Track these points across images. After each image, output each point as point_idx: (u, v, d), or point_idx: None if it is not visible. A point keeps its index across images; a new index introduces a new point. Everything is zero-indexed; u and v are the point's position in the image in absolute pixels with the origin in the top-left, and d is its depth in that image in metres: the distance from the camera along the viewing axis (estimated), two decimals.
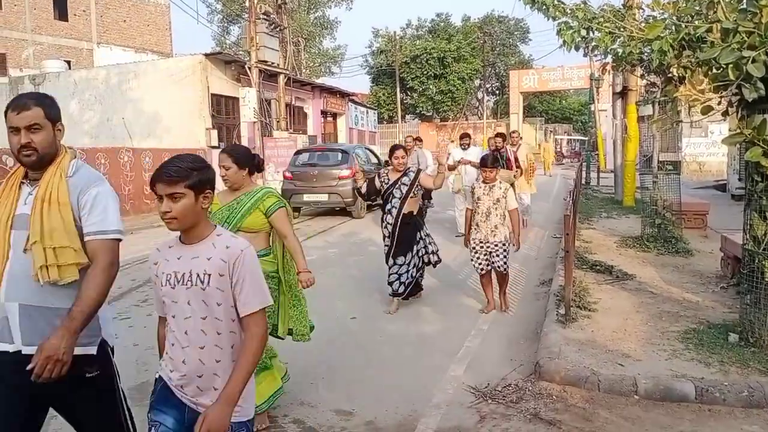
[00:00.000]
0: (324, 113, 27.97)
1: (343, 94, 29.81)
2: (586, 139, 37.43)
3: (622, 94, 14.45)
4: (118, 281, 7.64)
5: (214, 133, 18.52)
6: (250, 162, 3.69)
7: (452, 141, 24.86)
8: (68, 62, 28.42)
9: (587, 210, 12.93)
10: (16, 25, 29.59)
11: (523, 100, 49.16)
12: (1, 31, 28.77)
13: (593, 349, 4.63)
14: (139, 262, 8.90)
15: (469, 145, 10.24)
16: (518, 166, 9.95)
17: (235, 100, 19.30)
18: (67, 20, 31.95)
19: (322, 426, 3.70)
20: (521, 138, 11.36)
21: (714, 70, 4.13)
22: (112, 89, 19.70)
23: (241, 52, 27.05)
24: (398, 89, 44.20)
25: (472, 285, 7.04)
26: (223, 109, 19.64)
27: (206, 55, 18.89)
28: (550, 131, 49.31)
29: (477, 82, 52.60)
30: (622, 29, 5.25)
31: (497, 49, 53.93)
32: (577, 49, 5.56)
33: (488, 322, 5.74)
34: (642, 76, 9.89)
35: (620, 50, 5.36)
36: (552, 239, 10.09)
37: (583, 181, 18.90)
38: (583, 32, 5.38)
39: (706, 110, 4.24)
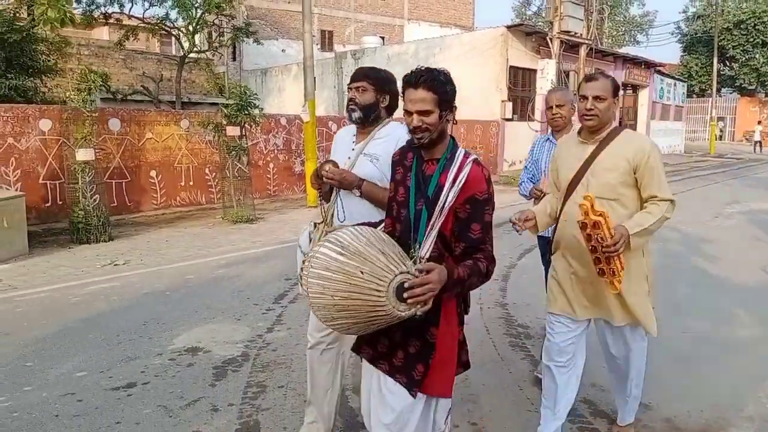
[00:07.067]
0: (624, 85, 26.23)
1: (648, 65, 27.54)
2: None
3: None
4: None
5: (509, 105, 18.76)
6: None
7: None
8: (382, 38, 31.34)
9: None
10: (343, 5, 33.53)
11: None
12: (330, 11, 32.90)
13: None
14: None
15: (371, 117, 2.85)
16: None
17: (532, 72, 19.22)
18: None
19: (614, 412, 3.61)
20: (563, 107, 3.86)
21: None
22: (420, 62, 21.04)
23: (540, 23, 26.74)
24: (715, 59, 39.10)
25: None
26: (520, 81, 19.73)
27: (508, 27, 19.08)
28: None
29: None
30: None
31: None
32: None
33: None
34: None
35: None
36: None
37: None
38: None
39: None
